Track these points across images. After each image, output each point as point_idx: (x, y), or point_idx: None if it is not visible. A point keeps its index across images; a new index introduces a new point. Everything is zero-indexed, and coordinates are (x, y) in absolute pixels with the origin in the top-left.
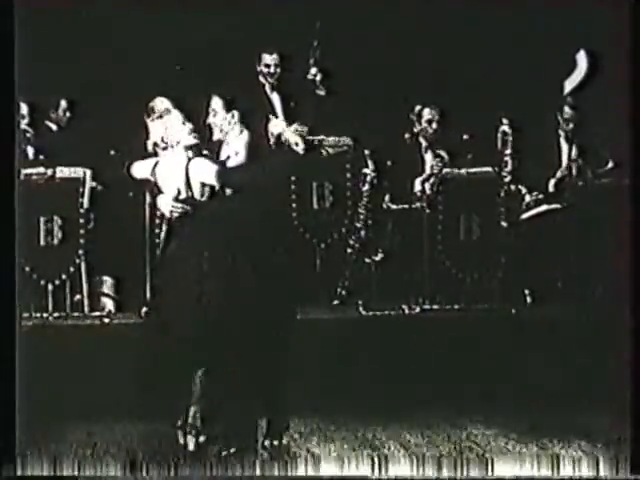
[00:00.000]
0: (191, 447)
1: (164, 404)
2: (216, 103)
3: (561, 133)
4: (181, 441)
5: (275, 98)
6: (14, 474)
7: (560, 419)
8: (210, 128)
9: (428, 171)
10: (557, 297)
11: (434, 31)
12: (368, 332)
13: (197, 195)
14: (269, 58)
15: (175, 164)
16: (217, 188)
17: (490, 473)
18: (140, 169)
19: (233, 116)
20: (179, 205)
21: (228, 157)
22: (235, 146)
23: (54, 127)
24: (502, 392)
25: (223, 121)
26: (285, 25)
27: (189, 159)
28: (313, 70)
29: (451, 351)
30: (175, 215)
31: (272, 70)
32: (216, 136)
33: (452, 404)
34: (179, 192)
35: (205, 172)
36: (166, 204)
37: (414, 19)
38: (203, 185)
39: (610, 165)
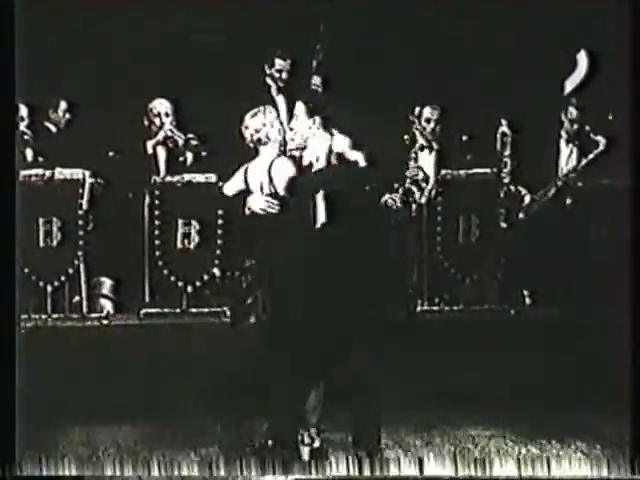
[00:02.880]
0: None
1: None
2: (298, 108)
3: (562, 134)
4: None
5: (280, 100)
6: (14, 474)
7: (560, 419)
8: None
9: (427, 172)
10: (556, 298)
11: (434, 31)
12: (367, 334)
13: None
14: (280, 61)
15: (263, 161)
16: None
17: (490, 474)
18: (232, 184)
19: (315, 122)
20: (271, 200)
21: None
22: (316, 151)
23: (53, 128)
24: (502, 393)
25: (304, 126)
26: (289, 28)
27: (273, 158)
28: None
29: (450, 352)
30: (269, 211)
31: (282, 74)
32: (297, 141)
33: (452, 405)
34: (262, 187)
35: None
36: (257, 201)
37: (414, 20)
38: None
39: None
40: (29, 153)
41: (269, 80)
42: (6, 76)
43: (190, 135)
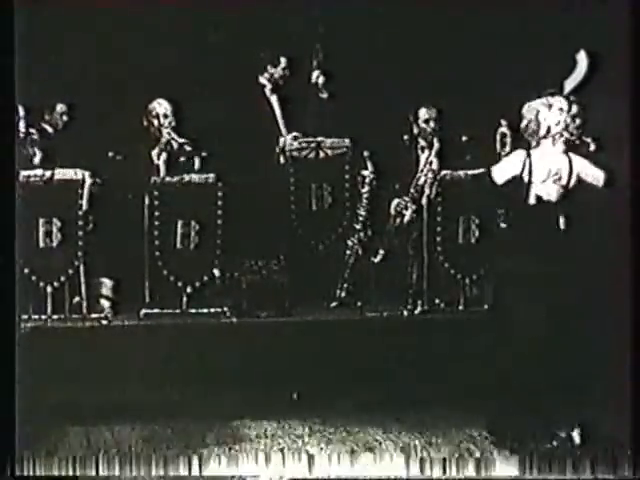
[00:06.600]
0: None
1: None
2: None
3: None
4: None
5: (274, 100)
6: (14, 474)
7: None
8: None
9: (425, 172)
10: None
11: (434, 32)
12: (367, 334)
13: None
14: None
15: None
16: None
17: (489, 474)
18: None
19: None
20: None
21: None
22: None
23: (53, 129)
24: (502, 393)
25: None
26: (288, 28)
27: (566, 152)
28: (315, 73)
29: (450, 352)
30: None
31: (277, 73)
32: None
33: (451, 405)
34: (560, 178)
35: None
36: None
37: (415, 21)
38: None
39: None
40: (29, 153)
41: (263, 80)
42: (6, 77)
43: (183, 140)
